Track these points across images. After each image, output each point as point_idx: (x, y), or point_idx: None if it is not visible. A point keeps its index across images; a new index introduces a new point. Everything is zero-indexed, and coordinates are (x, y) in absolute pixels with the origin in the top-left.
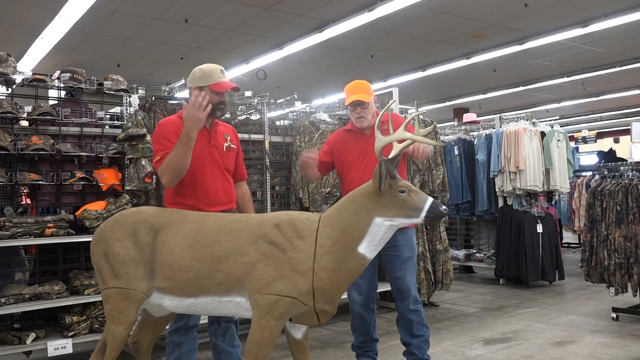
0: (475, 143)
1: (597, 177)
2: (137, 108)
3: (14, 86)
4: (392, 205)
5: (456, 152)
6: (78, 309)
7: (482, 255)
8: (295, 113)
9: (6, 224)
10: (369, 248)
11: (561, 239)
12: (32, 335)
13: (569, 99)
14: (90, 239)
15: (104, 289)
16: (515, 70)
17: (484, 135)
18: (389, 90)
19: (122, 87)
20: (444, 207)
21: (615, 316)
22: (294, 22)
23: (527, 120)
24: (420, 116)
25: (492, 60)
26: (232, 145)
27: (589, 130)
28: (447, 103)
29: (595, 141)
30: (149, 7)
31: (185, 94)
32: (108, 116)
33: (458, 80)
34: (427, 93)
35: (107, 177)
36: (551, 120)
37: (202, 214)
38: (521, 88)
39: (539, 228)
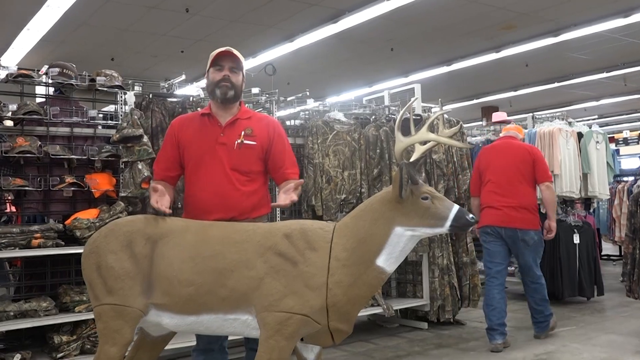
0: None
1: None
2: (133, 106)
3: None
4: (414, 214)
5: None
6: (68, 328)
7: (512, 268)
8: (307, 112)
9: None
10: (388, 261)
11: (600, 251)
12: (18, 357)
13: (609, 97)
14: (81, 251)
15: (96, 306)
16: (550, 65)
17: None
18: (410, 86)
19: (117, 84)
20: (470, 215)
21: None
22: (306, 12)
23: (563, 119)
24: (445, 115)
25: (523, 54)
26: (246, 142)
27: (631, 130)
28: (475, 101)
29: (638, 143)
30: None
31: (186, 90)
32: (101, 115)
33: (486, 75)
34: (453, 90)
35: (100, 183)
36: (589, 119)
37: (205, 223)
38: (556, 84)
39: (576, 239)
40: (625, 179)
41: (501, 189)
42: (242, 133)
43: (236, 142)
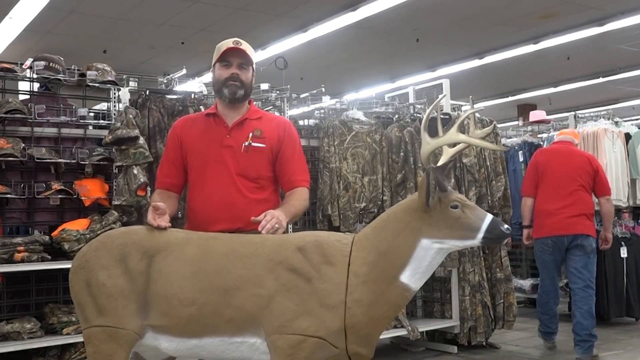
0: (544, 147)
1: None
2: (128, 104)
3: None
4: (442, 224)
5: (521, 159)
6: (55, 352)
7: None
8: (322, 110)
9: None
10: (413, 277)
11: None
12: None
13: None
14: (69, 266)
15: (86, 328)
16: (594, 58)
17: (554, 137)
18: (438, 82)
19: (110, 79)
20: (505, 226)
21: None
22: None
23: (609, 119)
24: (477, 114)
25: (565, 46)
26: (254, 144)
27: None
28: (510, 98)
29: None
30: None
31: (186, 86)
32: (92, 114)
33: (523, 70)
34: (485, 86)
35: (90, 190)
36: (638, 119)
37: (208, 234)
38: (601, 79)
39: (623, 252)
40: None
41: (560, 196)
42: (250, 135)
43: (243, 144)
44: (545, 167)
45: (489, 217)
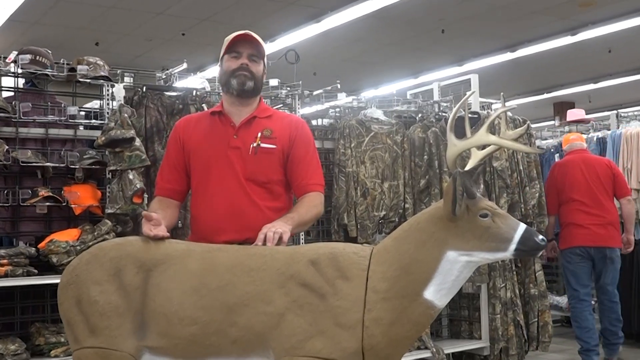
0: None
1: None
2: (123, 102)
3: None
4: (471, 235)
5: None
6: None
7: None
8: (337, 109)
9: None
10: (438, 293)
11: None
12: None
13: None
14: (58, 281)
15: (76, 350)
16: (638, 51)
17: (595, 139)
18: (466, 77)
19: (102, 74)
20: (540, 236)
21: None
22: None
23: None
24: (509, 113)
25: (606, 37)
26: (264, 145)
27: None
28: (545, 95)
29: None
30: None
31: (187, 82)
32: (83, 113)
33: (560, 64)
34: (518, 82)
35: (81, 197)
36: None
37: (212, 246)
38: None
39: None
40: None
41: (588, 207)
42: (259, 135)
43: (251, 145)
44: (564, 182)
45: (522, 226)
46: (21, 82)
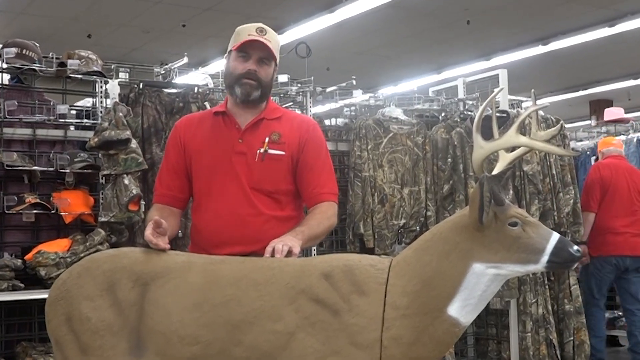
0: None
1: None
2: (118, 100)
3: None
4: (499, 245)
5: None
6: None
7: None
8: (353, 107)
9: None
10: (464, 309)
11: None
12: None
13: None
14: (46, 296)
15: None
16: None
17: (635, 140)
18: (493, 73)
19: (95, 69)
20: (575, 247)
21: None
22: None
23: None
24: (541, 112)
25: None
26: (272, 151)
27: None
28: (581, 92)
29: None
30: None
31: (188, 78)
32: (74, 112)
33: (596, 58)
34: (551, 77)
35: (72, 204)
36: None
37: (215, 258)
38: None
39: None
40: None
41: (625, 214)
42: (267, 139)
43: (258, 151)
44: (609, 183)
45: (555, 236)
46: (6, 77)
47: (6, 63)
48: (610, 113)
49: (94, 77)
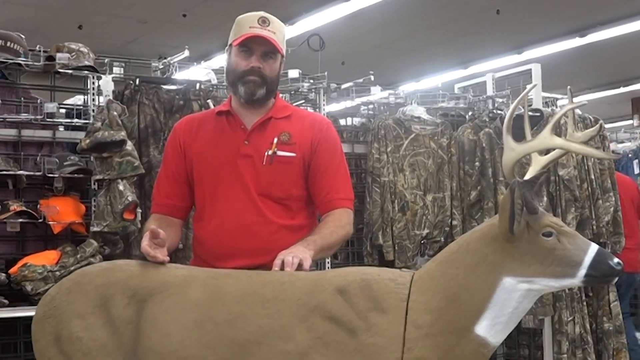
0: None
1: None
2: (111, 97)
3: None
4: (532, 258)
5: (637, 170)
6: None
7: None
8: (371, 106)
9: None
10: (493, 328)
11: None
12: None
13: None
14: (33, 314)
15: None
16: None
17: None
18: (526, 67)
19: (87, 63)
20: (616, 260)
21: None
22: None
23: None
24: (578, 111)
25: None
26: (281, 153)
27: None
28: (622, 89)
29: None
30: None
31: (189, 73)
32: (63, 111)
33: (639, 52)
34: (589, 73)
35: (61, 212)
36: None
37: (218, 272)
38: None
39: None
40: None
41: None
42: (275, 140)
43: (266, 153)
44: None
45: (594, 248)
46: None
47: None
48: None
49: (86, 72)
